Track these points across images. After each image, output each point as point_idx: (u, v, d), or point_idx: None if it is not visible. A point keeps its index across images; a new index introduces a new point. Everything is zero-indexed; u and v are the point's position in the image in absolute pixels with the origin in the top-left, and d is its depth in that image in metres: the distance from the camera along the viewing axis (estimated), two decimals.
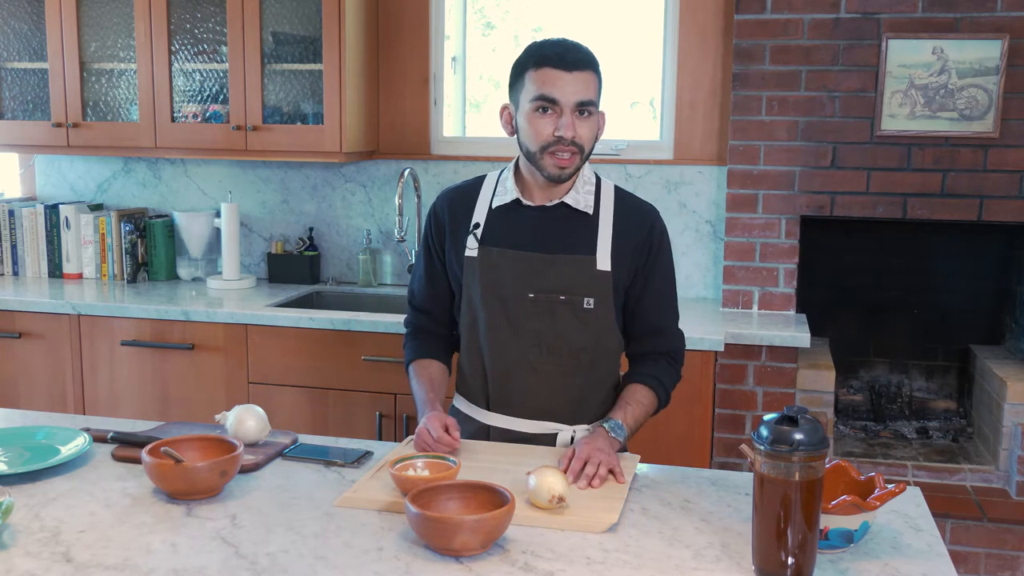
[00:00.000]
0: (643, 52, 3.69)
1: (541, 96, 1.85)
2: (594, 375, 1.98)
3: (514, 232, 1.96)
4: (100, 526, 1.53)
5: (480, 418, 2.01)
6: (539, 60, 1.87)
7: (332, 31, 3.31)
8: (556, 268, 1.93)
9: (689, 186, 3.47)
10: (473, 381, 2.02)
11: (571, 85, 1.84)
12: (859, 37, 3.16)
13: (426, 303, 2.09)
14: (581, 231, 1.95)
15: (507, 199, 1.97)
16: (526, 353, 1.95)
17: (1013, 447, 3.14)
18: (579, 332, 1.94)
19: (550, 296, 1.92)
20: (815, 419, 1.36)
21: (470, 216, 2.00)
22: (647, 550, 1.47)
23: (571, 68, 1.85)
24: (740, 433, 3.09)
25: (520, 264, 1.94)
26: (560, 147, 1.86)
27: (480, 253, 1.96)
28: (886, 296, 3.73)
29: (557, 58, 1.85)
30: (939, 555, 1.48)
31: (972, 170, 3.15)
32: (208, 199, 3.85)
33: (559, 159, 1.87)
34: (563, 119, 1.85)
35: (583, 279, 1.92)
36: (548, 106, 1.85)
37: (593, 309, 1.93)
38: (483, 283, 1.95)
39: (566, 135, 1.85)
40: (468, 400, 2.05)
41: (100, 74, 3.62)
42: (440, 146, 3.70)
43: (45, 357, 3.33)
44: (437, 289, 2.07)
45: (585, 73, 1.86)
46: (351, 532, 1.52)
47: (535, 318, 1.93)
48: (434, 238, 2.05)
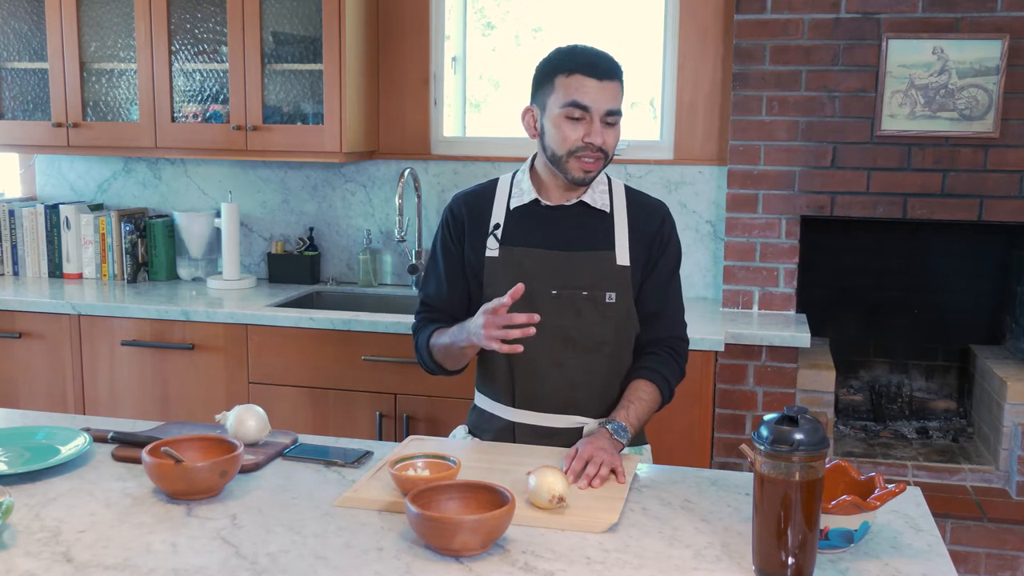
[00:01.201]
0: (643, 52, 3.69)
1: (573, 103, 1.89)
2: (616, 367, 2.02)
3: (535, 231, 2.00)
4: (100, 526, 1.53)
5: (506, 415, 2.03)
6: (571, 67, 1.91)
7: (332, 31, 3.31)
8: (578, 265, 1.97)
9: (689, 186, 3.47)
10: (497, 379, 2.04)
11: (602, 93, 1.89)
12: (859, 37, 3.16)
13: (446, 302, 2.08)
14: (599, 229, 2.00)
15: (525, 200, 2.02)
16: (551, 348, 1.98)
17: (1013, 447, 3.14)
18: (601, 326, 1.98)
19: (573, 292, 1.97)
20: (815, 419, 1.36)
21: (487, 218, 2.04)
22: (647, 550, 1.48)
23: (602, 77, 1.89)
24: (740, 433, 3.09)
25: (542, 262, 1.98)
26: (588, 153, 1.91)
27: (502, 253, 2.00)
28: (886, 296, 3.73)
29: (590, 66, 1.90)
30: (939, 555, 1.48)
31: (972, 170, 3.15)
32: (208, 199, 3.85)
33: (585, 164, 1.92)
34: (593, 126, 1.90)
35: (604, 274, 1.97)
36: (579, 112, 1.89)
37: (615, 303, 1.97)
38: (507, 282, 1.96)
39: (595, 142, 1.90)
40: (491, 399, 2.07)
41: (100, 74, 3.62)
42: (440, 146, 3.70)
43: (45, 357, 3.33)
44: (456, 291, 2.07)
45: (614, 83, 1.92)
46: (351, 532, 1.52)
47: (559, 314, 1.97)
48: (454, 239, 2.07)
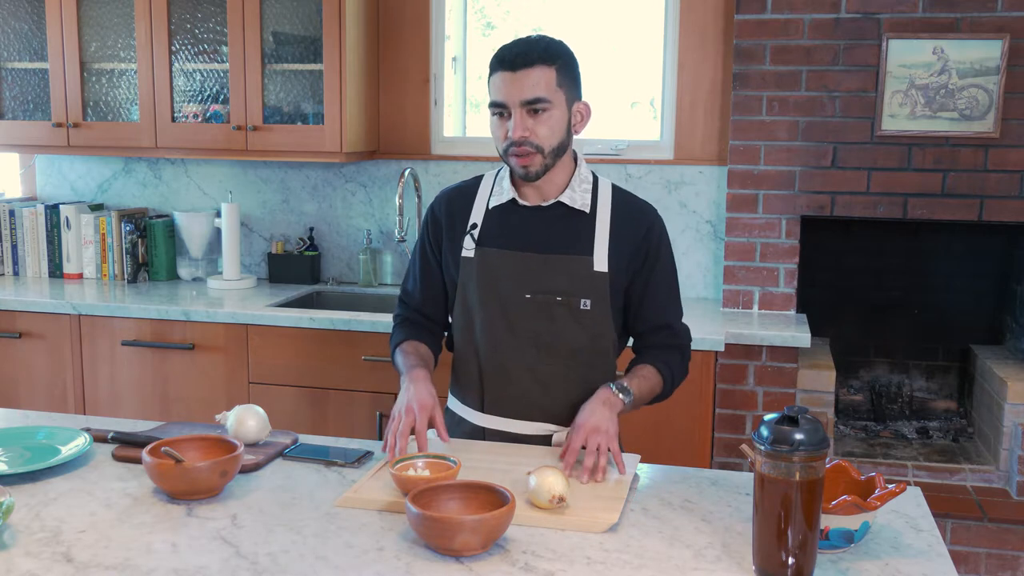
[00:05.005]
0: (643, 52, 3.69)
1: (492, 103, 1.87)
2: (590, 376, 1.95)
3: (511, 232, 1.95)
4: (100, 526, 1.53)
5: (475, 420, 2.00)
6: (492, 65, 1.88)
7: (332, 31, 3.31)
8: (552, 269, 1.92)
9: (689, 186, 3.47)
10: (468, 382, 2.01)
11: (515, 85, 1.83)
12: (859, 37, 3.15)
13: (420, 303, 2.08)
14: (578, 231, 1.94)
15: (503, 199, 1.97)
16: (523, 354, 1.94)
17: (1013, 447, 3.14)
18: (576, 333, 1.93)
19: (547, 297, 1.92)
20: (815, 419, 1.36)
21: (468, 216, 1.99)
22: (647, 550, 1.47)
23: (515, 67, 1.83)
24: (740, 433, 3.09)
25: (517, 265, 1.93)
26: (515, 148, 1.85)
27: (477, 254, 1.95)
28: (886, 296, 3.73)
29: (502, 61, 1.85)
30: (939, 555, 1.48)
31: (972, 170, 3.15)
32: (208, 199, 3.85)
33: (519, 159, 1.87)
34: (511, 121, 1.85)
35: (579, 280, 1.91)
36: (500, 110, 1.86)
37: (589, 310, 1.92)
38: (480, 284, 1.95)
39: (513, 136, 1.84)
40: (461, 402, 2.04)
41: (100, 74, 3.62)
42: (440, 146, 3.69)
43: (45, 357, 3.33)
44: (432, 289, 2.06)
45: (533, 70, 1.83)
46: (351, 532, 1.52)
47: (532, 319, 1.93)
48: (431, 238, 2.05)
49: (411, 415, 1.80)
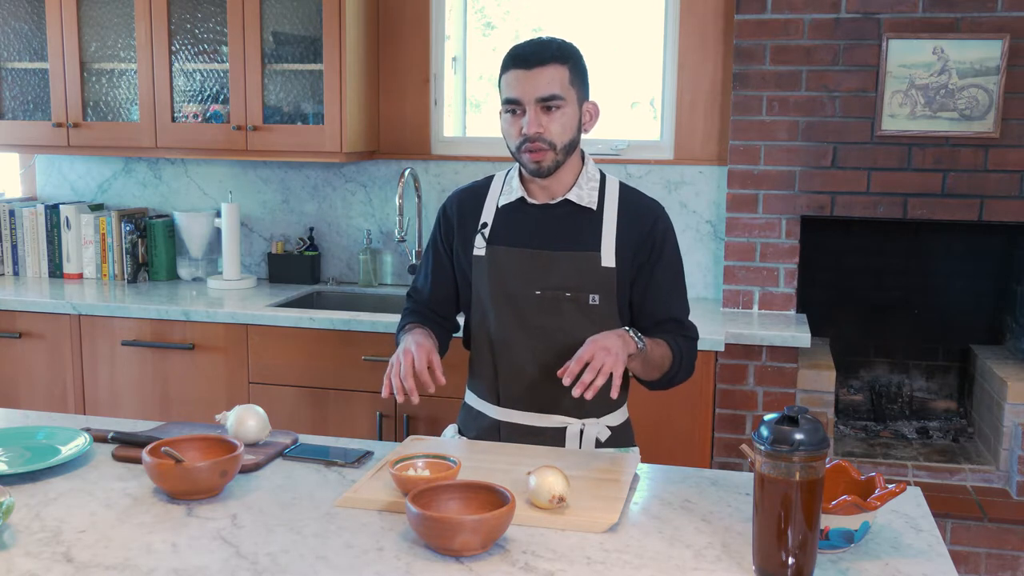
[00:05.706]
0: (643, 52, 3.69)
1: (507, 99, 1.90)
2: None
3: (520, 230, 1.99)
4: (100, 526, 1.53)
5: (491, 414, 2.04)
6: (505, 63, 1.92)
7: (332, 31, 3.31)
8: (561, 265, 1.95)
9: (689, 186, 3.47)
10: (483, 378, 2.05)
11: (530, 82, 1.87)
12: (859, 37, 3.15)
13: (429, 299, 2.12)
14: (585, 228, 1.97)
15: (512, 198, 2.01)
16: (534, 349, 1.97)
17: (1013, 447, 3.14)
18: (585, 328, 1.94)
19: (556, 293, 1.95)
20: (815, 419, 1.36)
21: (479, 216, 2.04)
22: (647, 550, 1.47)
23: (531, 65, 1.87)
24: (740, 433, 3.09)
25: (526, 262, 1.96)
26: (528, 144, 1.89)
27: (488, 252, 1.99)
28: (886, 296, 3.73)
29: (517, 58, 1.89)
30: (939, 555, 1.48)
31: (972, 170, 3.15)
32: (208, 199, 3.85)
33: (532, 155, 1.90)
34: (527, 117, 1.88)
35: (588, 276, 1.95)
36: (514, 107, 1.89)
37: (598, 305, 1.95)
38: (491, 282, 1.98)
39: (528, 132, 1.88)
40: (478, 396, 2.08)
41: (100, 74, 3.62)
42: (440, 146, 3.70)
43: (45, 357, 3.33)
44: (442, 287, 2.10)
45: (547, 68, 1.87)
46: (352, 532, 1.52)
47: (542, 315, 1.96)
48: (443, 238, 2.09)
49: (409, 356, 1.84)
